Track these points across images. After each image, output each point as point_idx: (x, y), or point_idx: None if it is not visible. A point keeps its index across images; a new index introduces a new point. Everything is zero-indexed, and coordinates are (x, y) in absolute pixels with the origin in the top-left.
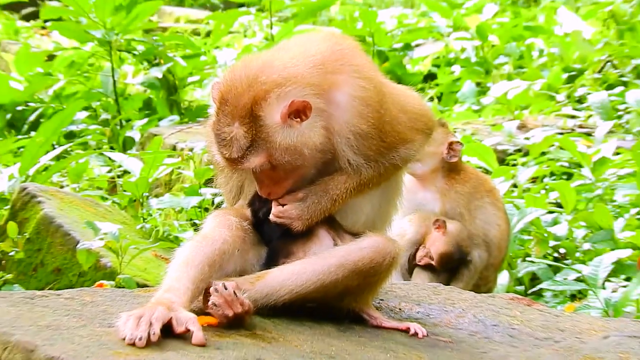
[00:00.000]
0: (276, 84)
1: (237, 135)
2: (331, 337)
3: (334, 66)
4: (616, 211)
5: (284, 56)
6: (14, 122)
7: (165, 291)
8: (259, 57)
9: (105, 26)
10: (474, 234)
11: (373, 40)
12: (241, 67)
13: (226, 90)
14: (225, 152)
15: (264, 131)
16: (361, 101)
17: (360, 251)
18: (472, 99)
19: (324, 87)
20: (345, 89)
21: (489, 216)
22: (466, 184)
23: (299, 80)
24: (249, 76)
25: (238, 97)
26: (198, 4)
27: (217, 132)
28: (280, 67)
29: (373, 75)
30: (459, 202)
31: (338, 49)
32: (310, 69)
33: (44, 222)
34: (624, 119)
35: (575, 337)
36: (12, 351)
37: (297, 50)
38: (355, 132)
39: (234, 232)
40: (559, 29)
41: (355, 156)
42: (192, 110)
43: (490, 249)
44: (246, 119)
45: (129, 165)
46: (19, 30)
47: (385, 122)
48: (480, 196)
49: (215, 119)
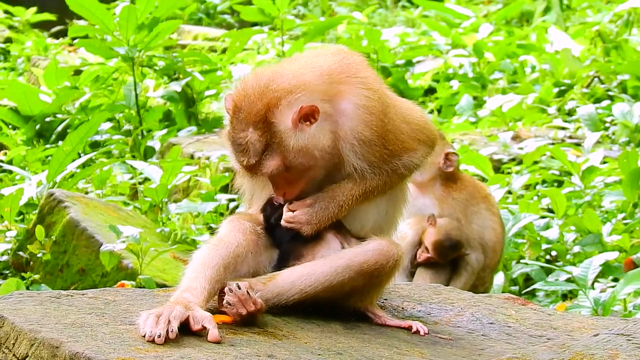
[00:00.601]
0: (287, 92)
1: (251, 139)
2: (338, 334)
3: (340, 77)
4: (604, 216)
5: (293, 66)
6: (42, 132)
7: (183, 291)
8: (268, 69)
9: (128, 43)
10: (470, 238)
11: (377, 57)
12: (252, 78)
13: (239, 100)
14: (243, 159)
15: (277, 136)
16: (365, 110)
17: (365, 254)
18: (469, 112)
19: (331, 95)
20: (351, 97)
21: (485, 221)
22: (463, 191)
23: (307, 88)
24: (260, 85)
25: (251, 104)
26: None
27: (233, 139)
28: (290, 76)
29: (377, 87)
30: (455, 208)
31: (345, 62)
32: (318, 77)
33: (69, 225)
34: (611, 131)
35: (567, 334)
36: (39, 347)
37: (306, 61)
38: (360, 138)
39: (247, 236)
40: (550, 47)
41: (360, 162)
42: (208, 122)
43: (486, 251)
44: (260, 124)
45: (149, 173)
46: (48, 47)
47: (388, 130)
48: (476, 202)
49: (230, 127)
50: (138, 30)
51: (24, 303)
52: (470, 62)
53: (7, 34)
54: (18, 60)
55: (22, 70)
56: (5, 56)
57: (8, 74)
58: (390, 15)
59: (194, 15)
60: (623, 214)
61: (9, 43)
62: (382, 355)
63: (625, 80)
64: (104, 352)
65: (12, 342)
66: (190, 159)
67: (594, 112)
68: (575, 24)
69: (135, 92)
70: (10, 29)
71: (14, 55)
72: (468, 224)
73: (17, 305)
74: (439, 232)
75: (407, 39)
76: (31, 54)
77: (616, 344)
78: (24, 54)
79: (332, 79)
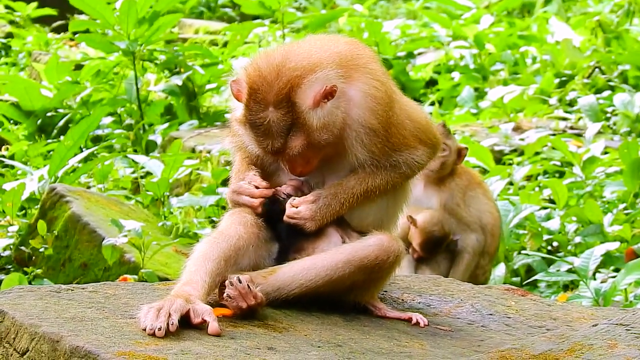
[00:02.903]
0: (307, 70)
1: (273, 119)
2: (338, 326)
3: (351, 63)
4: (605, 206)
5: (304, 47)
6: (44, 127)
7: (183, 284)
8: (277, 50)
9: (129, 37)
10: (470, 221)
11: (378, 49)
12: (263, 59)
13: (254, 81)
14: (267, 142)
15: (301, 115)
16: (373, 99)
17: (366, 249)
18: (470, 103)
19: (343, 77)
20: (360, 85)
21: (482, 205)
22: (462, 177)
23: (325, 67)
24: (276, 65)
25: (270, 85)
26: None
27: (252, 122)
28: (305, 55)
29: (385, 81)
30: (455, 194)
31: (357, 52)
32: (331, 59)
33: (71, 220)
34: (612, 121)
35: (567, 325)
36: (40, 342)
37: (317, 43)
38: (366, 126)
39: (248, 229)
40: (551, 37)
41: (362, 151)
42: (210, 115)
43: (486, 233)
44: (282, 103)
45: (151, 167)
46: (49, 42)
47: (392, 124)
48: (472, 187)
49: (245, 111)
50: (139, 24)
51: (24, 297)
52: (472, 54)
53: (8, 29)
54: (19, 55)
55: (23, 65)
56: (6, 51)
57: (9, 69)
58: (392, 7)
59: (194, 8)
60: (624, 204)
61: (10, 38)
62: (382, 347)
63: (626, 70)
64: (104, 346)
65: (12, 336)
66: (192, 153)
67: (595, 102)
68: (576, 15)
69: (137, 86)
70: (11, 24)
71: (15, 50)
72: (466, 207)
73: (17, 299)
74: (422, 232)
75: (408, 30)
76: (32, 48)
77: (615, 334)
78: (25, 49)
79: (343, 63)
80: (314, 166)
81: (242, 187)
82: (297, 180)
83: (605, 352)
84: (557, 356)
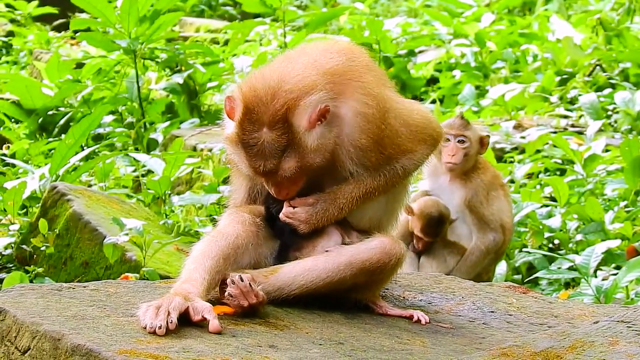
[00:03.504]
0: (303, 92)
1: (267, 140)
2: (339, 324)
3: (342, 79)
4: (606, 204)
5: (298, 66)
6: (45, 126)
7: (182, 282)
8: (272, 69)
9: (130, 36)
10: (490, 220)
11: (379, 47)
12: (258, 78)
13: (249, 101)
14: (259, 163)
15: (296, 137)
16: (363, 117)
17: (368, 251)
18: (471, 101)
19: (334, 96)
20: (350, 103)
21: (503, 205)
22: (487, 174)
23: (318, 88)
24: (271, 86)
25: (265, 105)
26: (217, 15)
27: (244, 140)
28: (299, 77)
29: (377, 93)
30: (479, 191)
31: (349, 64)
32: (323, 78)
33: (72, 218)
34: (613, 119)
35: (568, 322)
36: (41, 340)
37: (310, 60)
38: (356, 145)
39: (247, 227)
40: (552, 35)
41: (355, 167)
42: (211, 114)
43: (505, 233)
44: (277, 125)
45: (152, 165)
46: (50, 40)
47: (385, 136)
48: (496, 188)
49: (238, 130)
50: (140, 23)
51: (25, 296)
52: (473, 52)
53: (9, 28)
54: (20, 54)
55: (24, 64)
56: (7, 50)
57: (10, 68)
58: (392, 5)
59: (195, 7)
60: (625, 201)
61: (11, 36)
62: (384, 345)
63: (627, 68)
64: (106, 344)
65: (14, 335)
66: (193, 151)
67: (595, 100)
68: (577, 13)
69: (138, 85)
70: (12, 23)
71: (16, 48)
72: (489, 206)
73: (18, 298)
74: (420, 217)
75: (409, 29)
76: (33, 47)
77: (616, 331)
78: (26, 47)
79: (335, 80)
80: (299, 188)
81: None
82: None
83: (607, 349)
84: (558, 353)
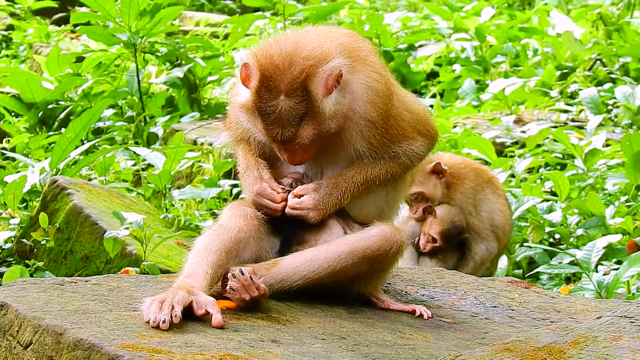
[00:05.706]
0: (321, 60)
1: (285, 107)
2: (342, 319)
3: (353, 54)
4: (607, 199)
5: (311, 36)
6: (45, 120)
7: (185, 276)
8: (288, 37)
9: (130, 30)
10: (480, 228)
11: (379, 41)
12: (273, 46)
13: (266, 68)
14: (277, 131)
15: (315, 104)
16: (374, 91)
17: (368, 239)
18: (471, 96)
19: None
20: (361, 77)
21: (492, 205)
22: (465, 182)
23: (335, 56)
24: (287, 53)
25: (282, 72)
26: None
27: (261, 108)
28: (314, 45)
29: (384, 73)
30: (465, 200)
31: (357, 44)
32: (336, 49)
33: (73, 212)
34: (613, 113)
35: (570, 317)
36: (43, 334)
37: (321, 33)
38: (366, 118)
39: (249, 221)
40: (552, 30)
41: (362, 142)
42: (211, 107)
43: (499, 236)
44: (296, 92)
45: (152, 159)
46: (50, 34)
47: (391, 115)
48: (481, 189)
49: (255, 97)
50: (140, 17)
51: (27, 290)
52: (473, 46)
53: (9, 22)
54: (20, 48)
55: (24, 58)
56: (7, 43)
57: (10, 62)
58: None
59: (195, 1)
60: (626, 196)
61: (11, 30)
62: (386, 339)
63: (627, 62)
64: (108, 339)
65: (16, 329)
66: (193, 145)
67: (596, 94)
68: (577, 7)
69: (138, 79)
70: (12, 17)
71: (16, 42)
72: (477, 214)
73: (20, 292)
74: (443, 221)
75: (409, 23)
76: (33, 41)
77: (619, 326)
78: (26, 41)
79: (347, 54)
80: (311, 155)
81: (265, 191)
82: (298, 172)
83: (610, 344)
84: (561, 348)
